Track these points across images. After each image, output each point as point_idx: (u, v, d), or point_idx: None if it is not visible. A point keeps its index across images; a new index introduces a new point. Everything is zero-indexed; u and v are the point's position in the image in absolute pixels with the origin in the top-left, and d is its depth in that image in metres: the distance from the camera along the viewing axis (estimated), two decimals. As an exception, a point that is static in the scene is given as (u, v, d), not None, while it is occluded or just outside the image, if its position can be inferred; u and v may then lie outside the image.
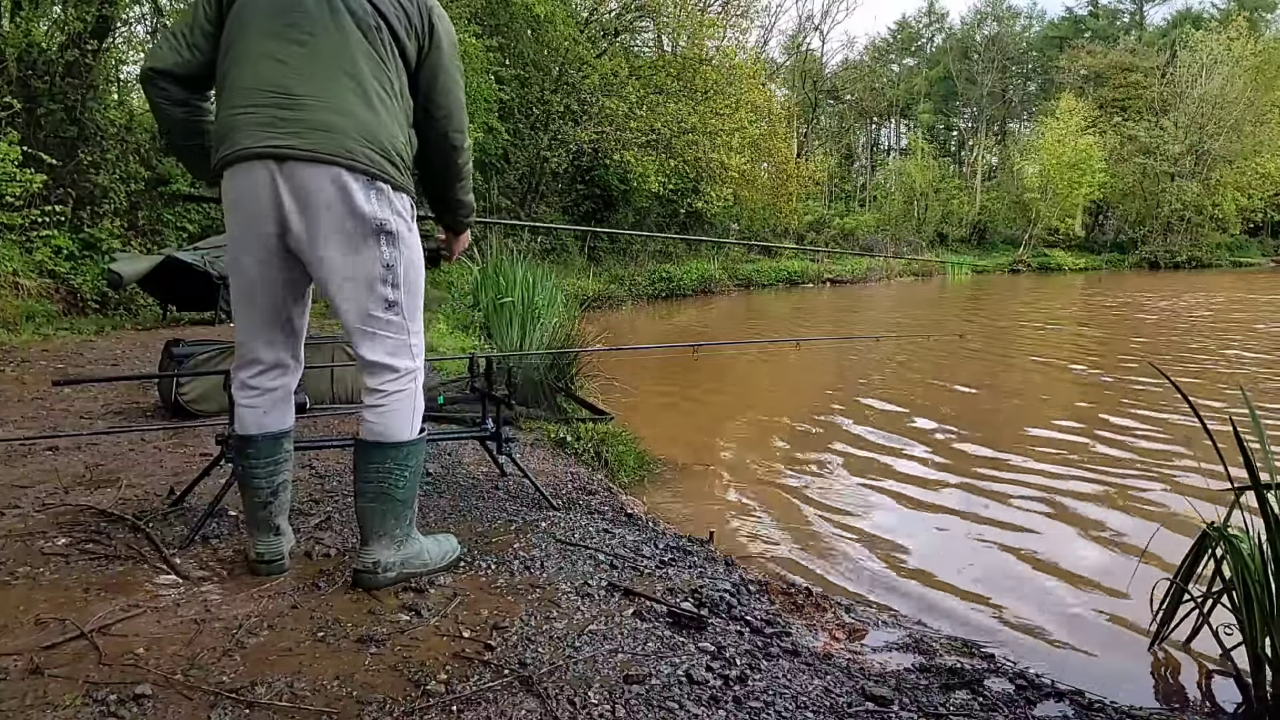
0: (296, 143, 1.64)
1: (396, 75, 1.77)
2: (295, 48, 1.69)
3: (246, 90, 1.68)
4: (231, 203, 1.72)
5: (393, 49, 1.76)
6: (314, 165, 1.65)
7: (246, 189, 1.68)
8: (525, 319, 5.32)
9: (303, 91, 1.67)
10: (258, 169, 1.66)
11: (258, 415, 1.87)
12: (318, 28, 1.70)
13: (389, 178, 1.73)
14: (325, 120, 1.66)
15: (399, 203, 1.76)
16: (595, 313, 11.36)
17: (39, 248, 7.27)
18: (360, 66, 1.71)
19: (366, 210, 1.69)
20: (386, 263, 1.73)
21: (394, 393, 1.78)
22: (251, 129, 1.66)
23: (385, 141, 1.72)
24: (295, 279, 1.81)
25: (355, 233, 1.69)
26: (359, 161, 1.67)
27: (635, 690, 1.47)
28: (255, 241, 1.73)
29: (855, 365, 7.68)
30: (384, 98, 1.74)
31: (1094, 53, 38.54)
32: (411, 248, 1.80)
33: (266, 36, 1.69)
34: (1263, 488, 1.76)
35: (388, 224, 1.72)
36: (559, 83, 16.10)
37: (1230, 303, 14.11)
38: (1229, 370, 6.84)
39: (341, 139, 1.66)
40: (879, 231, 28.44)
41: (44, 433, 3.21)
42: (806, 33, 33.85)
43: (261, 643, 1.56)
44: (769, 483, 3.83)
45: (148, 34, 10.41)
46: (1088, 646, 2.21)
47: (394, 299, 1.76)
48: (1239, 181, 31.78)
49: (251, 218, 1.70)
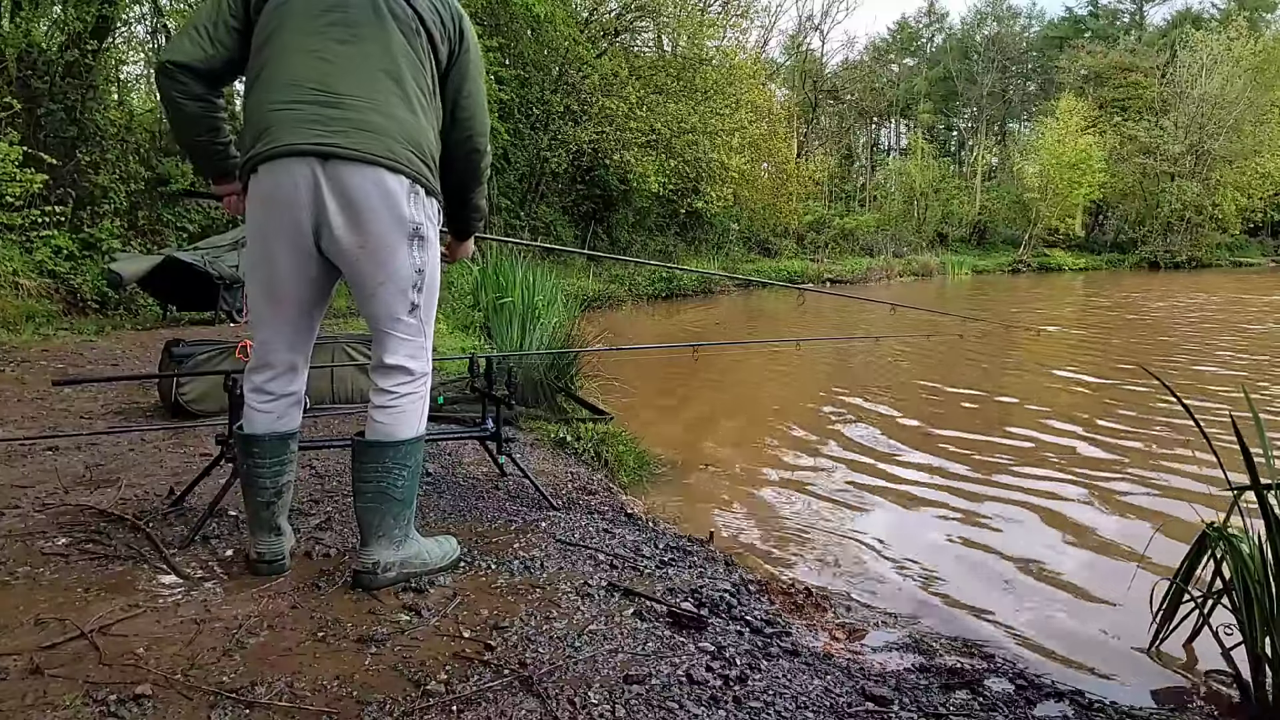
0: (342, 142, 1.64)
1: (431, 78, 1.79)
2: (338, 46, 1.69)
3: (286, 85, 1.67)
4: (266, 197, 1.69)
5: (429, 51, 1.77)
6: (359, 165, 1.65)
7: (286, 185, 1.66)
8: (525, 319, 5.32)
9: (346, 90, 1.67)
10: (299, 166, 1.65)
11: (270, 420, 1.86)
12: (362, 27, 1.70)
13: (426, 182, 1.74)
14: (370, 120, 1.66)
15: (430, 208, 1.77)
16: (595, 312, 11.36)
17: (39, 248, 7.27)
18: (401, 68, 1.71)
19: (407, 214, 1.70)
20: (418, 267, 1.75)
21: (407, 394, 1.79)
22: (293, 125, 1.64)
23: (424, 145, 1.74)
24: (322, 279, 1.80)
25: (396, 236, 1.70)
26: (401, 164, 1.68)
27: (635, 690, 1.47)
28: (290, 238, 1.70)
29: (855, 366, 7.68)
30: (422, 100, 1.75)
31: (1094, 53, 38.52)
32: (436, 252, 1.81)
33: (308, 34, 1.69)
34: (1263, 488, 1.76)
35: (422, 228, 1.74)
36: (559, 83, 16.10)
37: (1228, 303, 14.10)
38: (1226, 372, 6.84)
39: (386, 141, 1.67)
40: (879, 231, 28.42)
41: (44, 433, 3.21)
42: (806, 33, 33.92)
43: (261, 643, 1.56)
44: (769, 483, 3.83)
45: (148, 34, 10.43)
46: (1088, 646, 2.21)
47: (418, 302, 1.78)
48: (1239, 181, 31.76)
49: (289, 214, 1.68)
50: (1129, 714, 1.73)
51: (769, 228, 24.87)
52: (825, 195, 31.54)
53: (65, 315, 7.12)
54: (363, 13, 1.71)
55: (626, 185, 17.26)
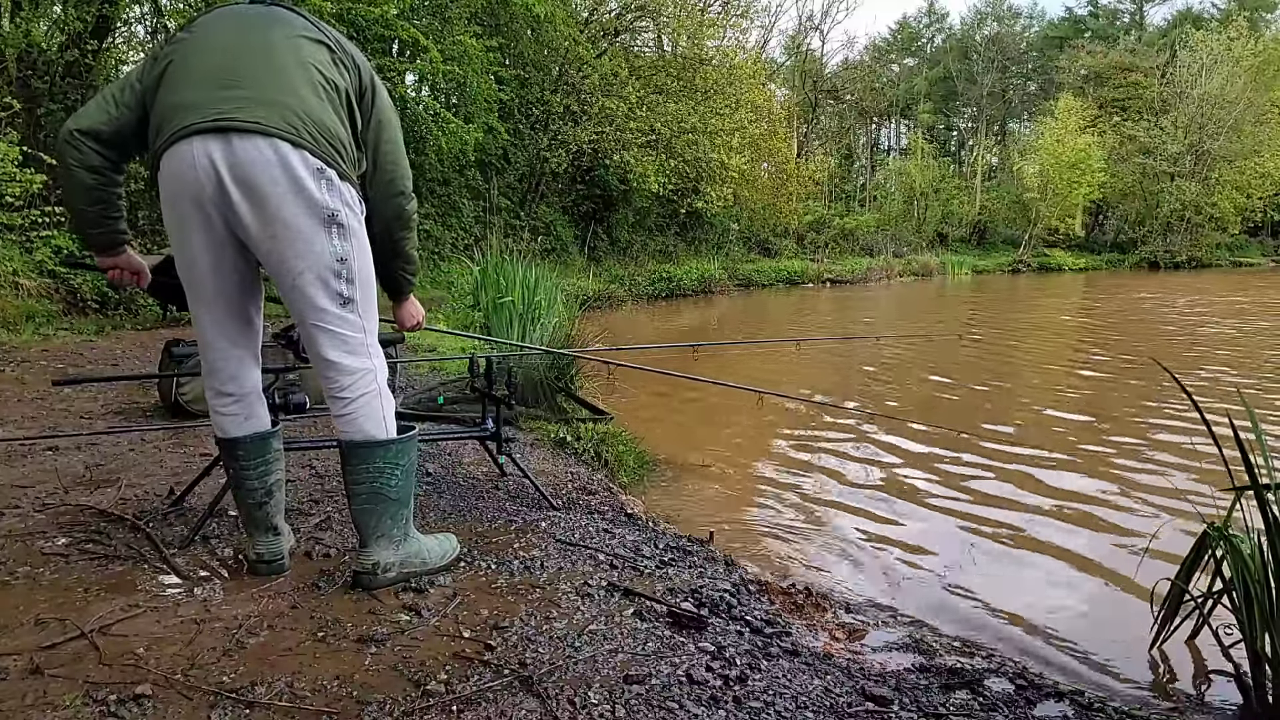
0: (238, 115, 1.57)
1: (340, 92, 1.72)
2: (239, 39, 1.68)
3: (185, 82, 1.64)
4: (169, 190, 1.63)
5: (334, 65, 1.74)
6: (256, 138, 1.57)
7: (185, 170, 1.58)
8: (525, 319, 5.32)
9: (247, 71, 1.63)
10: (195, 145, 1.57)
11: (239, 421, 1.84)
12: (262, 28, 1.70)
13: (336, 164, 1.65)
14: (270, 97, 1.60)
15: (346, 193, 1.68)
16: (595, 312, 11.35)
17: (39, 248, 7.26)
18: (304, 59, 1.68)
19: (316, 195, 1.62)
20: (340, 256, 1.67)
21: (357, 397, 1.73)
22: (188, 110, 1.59)
23: (332, 129, 1.66)
24: (245, 268, 1.75)
25: (308, 221, 1.62)
26: (304, 140, 1.60)
27: (635, 690, 1.47)
28: (200, 227, 1.64)
29: (855, 366, 7.67)
30: (331, 97, 1.69)
31: (1094, 53, 38.51)
32: (363, 241, 1.74)
33: (208, 48, 1.68)
34: (1263, 488, 1.76)
35: (339, 214, 1.65)
36: (559, 83, 16.10)
37: (1228, 304, 14.10)
38: (1224, 374, 6.83)
39: (288, 115, 1.60)
40: (879, 231, 28.41)
41: (44, 433, 3.21)
42: (806, 33, 33.86)
43: (261, 643, 1.56)
44: (769, 483, 3.83)
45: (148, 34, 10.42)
46: (1088, 646, 2.21)
47: (350, 295, 1.70)
48: (1238, 181, 31.74)
49: (193, 199, 1.60)
50: (1129, 714, 1.73)
51: (769, 228, 24.85)
52: (825, 195, 31.50)
53: (65, 315, 7.11)
54: (261, 18, 1.71)
55: (626, 185, 17.25)
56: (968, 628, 2.31)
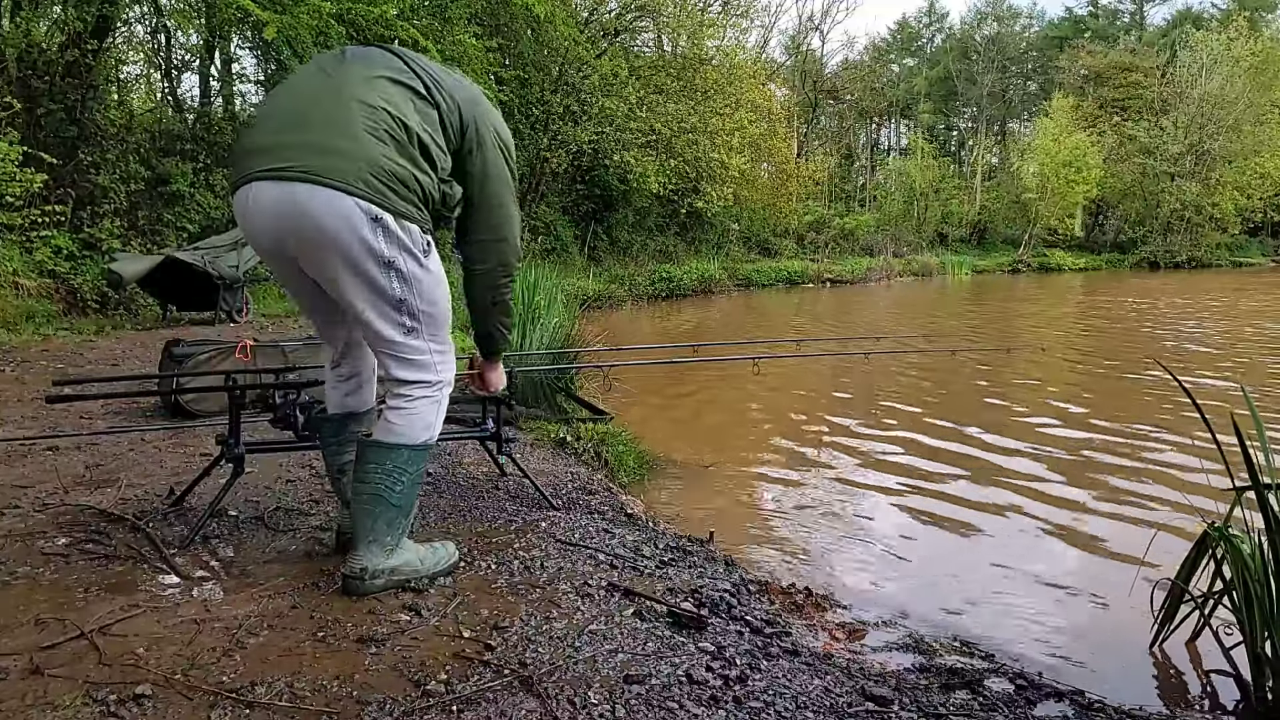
0: (294, 163, 1.57)
1: (424, 133, 1.68)
2: (310, 82, 1.72)
3: (257, 126, 1.71)
4: (245, 232, 1.73)
5: (425, 102, 1.71)
6: (311, 186, 1.56)
7: (250, 216, 1.64)
8: (525, 319, 5.31)
9: (314, 117, 1.63)
10: (253, 191, 1.62)
11: (338, 397, 2.01)
12: (339, 66, 1.72)
13: (394, 207, 1.62)
14: (328, 143, 1.58)
15: (409, 233, 1.65)
16: (596, 312, 11.35)
17: (39, 248, 7.27)
18: (377, 102, 1.63)
19: (371, 243, 1.60)
20: (399, 298, 1.69)
21: (420, 397, 1.78)
22: (251, 155, 1.64)
23: (392, 170, 1.61)
24: (323, 293, 1.79)
25: (360, 265, 1.62)
26: (357, 187, 1.57)
27: (635, 690, 1.47)
28: (273, 260, 1.79)
29: (855, 366, 7.67)
30: (399, 135, 1.64)
31: (1094, 53, 38.53)
32: (427, 275, 1.73)
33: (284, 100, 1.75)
34: (1263, 488, 1.76)
35: (395, 261, 1.64)
36: (559, 83, 16.09)
37: (1228, 305, 14.10)
38: (1224, 373, 6.83)
39: (341, 160, 1.57)
40: (879, 231, 28.39)
41: (44, 433, 3.21)
42: (806, 33, 33.86)
43: (261, 643, 1.56)
44: (769, 483, 3.83)
45: (148, 34, 10.42)
46: (1088, 646, 2.21)
47: (412, 325, 1.74)
48: (1239, 181, 31.73)
49: (259, 243, 1.71)
50: (1129, 714, 1.73)
51: (769, 228, 24.85)
52: (825, 195, 31.49)
53: (65, 315, 7.12)
54: (350, 60, 1.73)
55: (626, 185, 17.25)
56: (968, 628, 2.31)
